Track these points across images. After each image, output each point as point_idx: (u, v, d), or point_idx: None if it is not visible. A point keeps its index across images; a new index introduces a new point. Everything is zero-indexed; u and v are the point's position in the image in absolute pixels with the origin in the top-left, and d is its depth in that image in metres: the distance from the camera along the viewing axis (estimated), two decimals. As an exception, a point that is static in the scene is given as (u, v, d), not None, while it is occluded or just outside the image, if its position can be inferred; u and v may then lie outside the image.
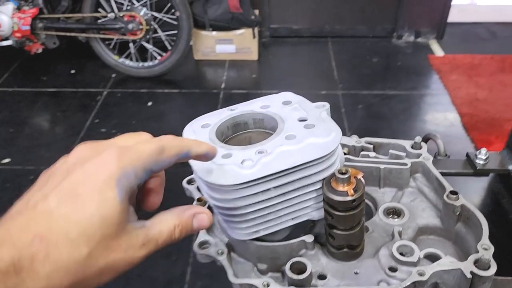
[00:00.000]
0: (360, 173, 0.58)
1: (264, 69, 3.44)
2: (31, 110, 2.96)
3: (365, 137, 0.83)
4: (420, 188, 0.75)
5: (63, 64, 3.36)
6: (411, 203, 0.73)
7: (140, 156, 0.44)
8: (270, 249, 0.63)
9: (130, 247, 0.43)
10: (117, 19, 2.93)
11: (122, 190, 0.42)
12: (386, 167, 0.74)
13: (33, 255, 0.37)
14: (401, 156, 0.76)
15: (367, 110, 2.92)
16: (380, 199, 0.75)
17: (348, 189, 0.56)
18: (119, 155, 0.43)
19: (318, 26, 3.71)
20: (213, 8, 3.16)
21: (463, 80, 3.20)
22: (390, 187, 0.76)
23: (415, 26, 3.67)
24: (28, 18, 2.93)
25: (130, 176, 0.43)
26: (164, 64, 3.10)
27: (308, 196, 0.61)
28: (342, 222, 0.59)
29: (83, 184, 0.41)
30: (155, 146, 0.45)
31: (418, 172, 0.76)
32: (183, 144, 0.48)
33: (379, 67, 3.46)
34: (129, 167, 0.43)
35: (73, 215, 0.39)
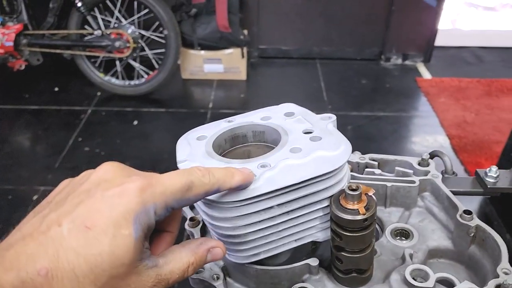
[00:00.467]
0: (372, 190, 0.53)
1: (252, 89, 3.42)
2: (11, 128, 2.87)
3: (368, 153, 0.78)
4: (428, 207, 0.70)
5: (46, 82, 3.29)
6: (419, 224, 0.68)
7: (165, 192, 0.41)
8: (271, 274, 0.57)
9: (150, 282, 0.41)
10: (103, 37, 2.88)
11: (139, 227, 0.39)
12: (393, 185, 0.69)
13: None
14: (408, 174, 0.71)
15: (357, 131, 2.90)
16: (386, 219, 0.69)
17: (359, 207, 0.51)
18: (142, 188, 0.39)
19: (307, 48, 3.72)
20: (202, 27, 3.14)
21: (451, 102, 3.21)
22: (397, 207, 0.71)
23: (403, 49, 3.70)
24: (12, 34, 2.86)
25: (150, 213, 0.40)
26: (151, 83, 3.04)
27: (314, 215, 0.55)
28: (351, 244, 0.53)
29: (100, 214, 0.38)
30: (184, 182, 0.42)
31: (426, 191, 0.71)
32: (214, 180, 0.45)
33: (367, 89, 3.46)
34: (150, 202, 0.40)
35: (83, 249, 0.37)
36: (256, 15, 3.53)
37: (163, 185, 0.41)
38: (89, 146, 2.67)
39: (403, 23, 3.58)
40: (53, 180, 2.38)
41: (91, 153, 2.61)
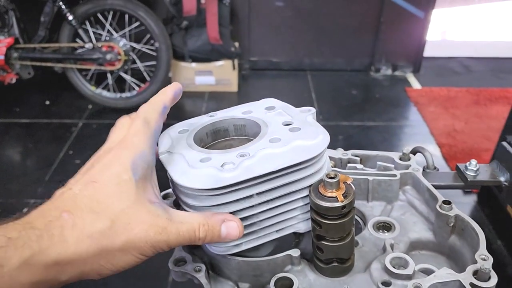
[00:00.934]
0: (350, 178, 0.54)
1: (243, 101, 3.37)
2: (1, 142, 2.85)
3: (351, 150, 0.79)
4: (410, 201, 0.70)
5: (37, 95, 3.29)
6: (401, 217, 0.69)
7: (140, 140, 0.49)
8: (253, 266, 0.57)
9: (151, 227, 0.45)
10: (95, 49, 2.90)
11: (137, 171, 0.47)
12: (374, 178, 0.70)
13: (62, 225, 0.42)
14: (390, 168, 0.72)
15: (347, 141, 2.91)
16: (369, 213, 0.70)
17: (338, 195, 0.52)
18: (126, 148, 0.48)
19: (297, 59, 3.76)
20: (192, 39, 3.17)
21: (440, 111, 3.24)
22: (379, 201, 0.71)
23: (392, 60, 3.75)
24: (3, 48, 2.87)
25: (144, 155, 0.48)
26: (142, 95, 3.05)
27: (295, 204, 0.56)
28: (331, 232, 0.54)
29: (101, 174, 0.46)
30: (141, 124, 0.50)
31: (408, 185, 0.72)
32: (155, 106, 0.53)
33: (358, 99, 3.49)
34: (139, 152, 0.48)
35: (95, 195, 0.45)
36: (247, 27, 3.57)
37: (136, 135, 0.49)
38: (80, 159, 2.66)
39: (392, 34, 3.63)
40: (43, 193, 2.37)
41: (82, 166, 2.59)
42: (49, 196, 0.47)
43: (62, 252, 0.41)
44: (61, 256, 0.41)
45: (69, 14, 2.81)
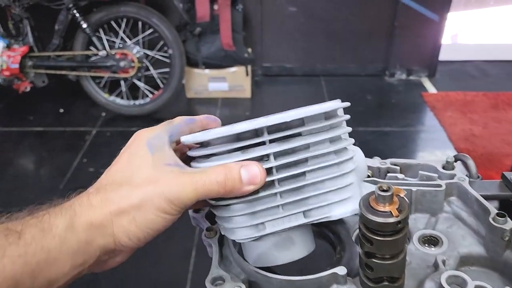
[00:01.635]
0: (403, 192, 0.50)
1: (257, 107, 3.40)
2: (16, 151, 2.85)
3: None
4: (456, 212, 0.66)
5: (51, 103, 3.28)
6: (448, 230, 0.64)
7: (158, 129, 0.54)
8: (296, 285, 0.54)
9: (166, 182, 0.47)
10: (108, 57, 2.89)
11: (152, 146, 0.50)
12: (418, 189, 0.66)
13: (88, 195, 0.49)
14: (433, 178, 0.68)
15: (364, 147, 2.80)
16: (412, 226, 0.66)
17: (392, 209, 0.48)
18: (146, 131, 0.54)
19: (310, 65, 3.72)
20: (206, 46, 3.15)
21: (458, 116, 3.19)
22: (422, 213, 0.67)
23: (407, 65, 3.70)
24: (17, 57, 2.87)
25: (160, 136, 0.52)
26: (156, 102, 3.04)
27: (322, 174, 0.53)
28: (383, 249, 0.50)
29: (121, 157, 0.53)
30: (165, 122, 0.56)
31: (453, 195, 0.67)
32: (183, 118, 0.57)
33: (373, 105, 3.44)
34: (154, 136, 0.52)
35: (116, 172, 0.51)
36: (259, 33, 3.55)
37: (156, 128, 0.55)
38: (94, 167, 2.64)
39: (406, 38, 3.58)
40: (58, 201, 2.35)
41: (96, 174, 2.53)
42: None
43: (91, 215, 0.46)
44: (91, 219, 0.46)
45: (83, 22, 2.81)
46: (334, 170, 0.54)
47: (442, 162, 0.70)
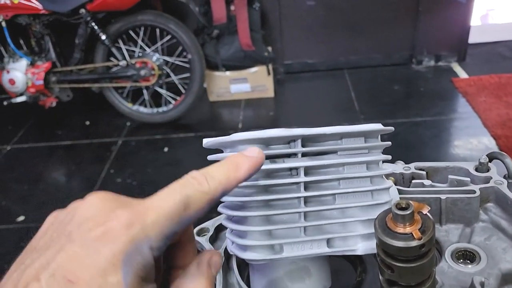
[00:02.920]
0: (426, 207, 0.43)
1: (281, 106, 3.34)
2: (46, 165, 2.89)
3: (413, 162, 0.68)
4: (495, 221, 0.59)
5: (77, 116, 3.32)
6: (486, 243, 0.57)
7: (157, 220, 0.33)
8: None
9: None
10: (129, 67, 2.89)
11: (130, 271, 0.31)
12: (448, 197, 0.58)
13: None
14: (465, 182, 0.61)
15: (394, 140, 2.68)
16: (444, 239, 0.59)
17: (413, 230, 0.41)
18: (129, 222, 0.32)
19: (333, 59, 3.62)
20: (224, 48, 3.11)
21: (492, 101, 3.02)
22: (455, 223, 0.60)
23: (435, 50, 3.55)
24: (41, 73, 2.91)
25: (143, 250, 0.32)
26: (179, 108, 3.02)
27: (353, 201, 0.48)
28: (406, 277, 0.43)
29: (82, 264, 0.31)
30: (178, 200, 0.34)
31: (490, 201, 0.60)
32: (215, 185, 0.36)
33: (400, 95, 3.32)
34: (141, 238, 0.32)
35: None
36: (279, 31, 3.48)
37: (154, 212, 0.33)
38: (121, 177, 2.65)
39: (432, 23, 3.43)
40: (87, 214, 2.36)
41: (123, 184, 2.58)
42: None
43: None
44: None
45: (102, 34, 2.82)
46: (367, 198, 0.49)
47: (475, 164, 0.63)
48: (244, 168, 0.38)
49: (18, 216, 2.42)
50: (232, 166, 0.38)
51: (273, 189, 0.47)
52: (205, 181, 0.36)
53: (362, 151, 0.49)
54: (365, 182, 0.49)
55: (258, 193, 0.47)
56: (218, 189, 0.36)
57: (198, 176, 0.36)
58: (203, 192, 0.35)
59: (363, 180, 0.48)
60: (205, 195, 0.35)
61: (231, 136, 0.48)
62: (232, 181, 0.37)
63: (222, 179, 0.37)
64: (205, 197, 0.35)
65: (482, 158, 0.61)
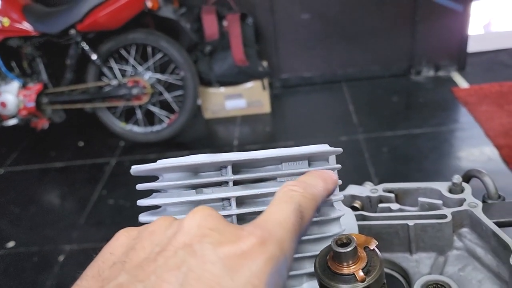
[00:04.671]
0: (373, 242, 0.36)
1: (278, 121, 3.28)
2: (38, 188, 2.84)
3: (388, 182, 0.61)
4: (470, 249, 0.51)
5: (70, 137, 3.28)
6: (460, 274, 0.50)
7: (286, 236, 0.29)
8: None
9: None
10: (121, 86, 2.85)
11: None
12: (417, 223, 0.52)
13: None
14: (437, 205, 0.54)
15: (393, 153, 2.68)
16: (414, 270, 0.51)
17: (355, 270, 0.35)
18: (263, 240, 0.27)
19: (330, 72, 3.57)
20: (218, 63, 3.06)
21: (494, 110, 2.94)
22: (427, 252, 0.53)
23: (434, 60, 3.48)
24: (33, 95, 2.88)
25: (282, 270, 0.28)
26: (173, 127, 2.97)
27: None
28: (353, 326, 0.36)
29: (220, 283, 0.25)
30: (294, 211, 0.31)
31: (464, 226, 0.53)
32: (316, 190, 0.34)
33: (400, 106, 3.25)
34: (279, 257, 0.27)
35: None
36: (274, 45, 3.44)
37: (280, 228, 0.29)
38: (114, 198, 2.59)
39: (430, 32, 3.38)
40: (79, 238, 2.30)
41: (115, 206, 2.53)
42: (84, 240, 0.32)
43: None
44: None
45: (93, 54, 2.79)
46: (312, 230, 0.42)
47: (448, 184, 0.56)
48: (332, 179, 0.37)
49: (8, 241, 2.37)
50: (321, 176, 0.36)
51: None
52: (309, 188, 0.34)
53: None
54: None
55: None
56: (321, 194, 0.35)
57: (298, 184, 0.34)
58: (309, 199, 0.33)
59: None
60: (312, 202, 0.33)
61: (157, 163, 0.42)
62: (326, 190, 0.36)
63: (319, 185, 0.35)
64: (313, 203, 0.33)
65: (455, 178, 0.54)
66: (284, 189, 0.33)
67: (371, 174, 2.47)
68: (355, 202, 0.58)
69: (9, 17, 2.74)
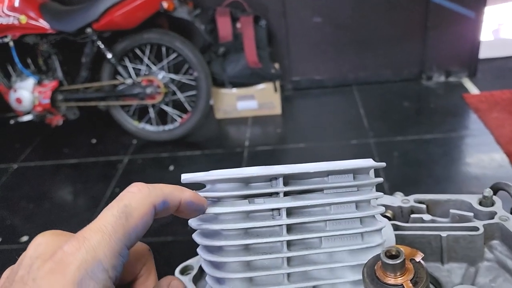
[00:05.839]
0: (419, 254, 0.39)
1: (289, 123, 3.30)
2: (51, 184, 2.88)
3: (407, 189, 0.63)
4: (501, 260, 0.54)
5: (84, 135, 3.32)
6: (491, 285, 0.52)
7: (102, 239, 0.32)
8: None
9: None
10: (135, 85, 2.88)
11: None
12: (449, 234, 0.54)
13: None
14: (468, 218, 0.56)
15: (404, 158, 2.70)
16: (446, 279, 0.54)
17: (404, 281, 0.37)
18: (77, 247, 0.31)
19: (341, 75, 3.59)
20: (231, 65, 3.09)
21: (505, 117, 2.95)
22: (458, 262, 0.55)
23: (445, 66, 3.50)
24: (48, 92, 2.92)
25: (96, 274, 0.31)
26: (185, 126, 3.00)
27: (341, 244, 0.44)
28: (399, 333, 0.39)
29: None
30: (116, 213, 0.33)
31: (495, 239, 0.55)
32: (156, 190, 0.36)
33: (411, 111, 3.27)
34: (90, 262, 0.31)
35: None
36: (286, 47, 3.46)
37: (97, 232, 0.32)
38: (126, 196, 2.62)
39: (441, 38, 3.39)
40: (91, 234, 2.33)
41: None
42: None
43: None
44: None
45: (108, 52, 2.83)
46: (357, 241, 0.45)
47: (478, 197, 0.58)
48: (189, 193, 0.38)
49: (22, 236, 2.41)
50: (178, 187, 0.38)
51: (253, 231, 0.44)
52: (146, 187, 0.35)
53: (351, 189, 0.45)
54: (354, 223, 0.44)
55: (237, 237, 0.43)
56: (159, 195, 0.35)
57: (138, 184, 0.36)
58: (143, 196, 0.34)
59: (352, 221, 0.44)
60: (146, 198, 0.34)
61: (209, 174, 0.44)
62: (175, 197, 0.37)
63: (164, 188, 0.37)
64: (147, 200, 0.34)
65: (486, 191, 0.56)
66: (125, 191, 0.35)
67: (382, 178, 2.49)
68: (387, 212, 0.61)
69: (26, 15, 2.78)
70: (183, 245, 2.14)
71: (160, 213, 0.36)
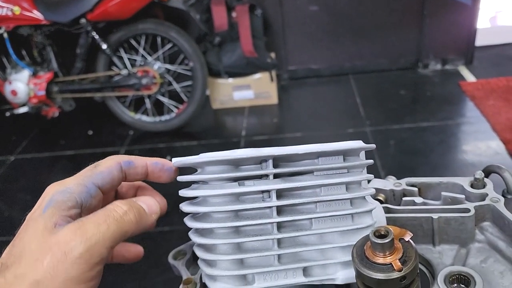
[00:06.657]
0: (408, 234, 0.39)
1: (285, 113, 3.30)
2: (48, 176, 2.88)
3: (403, 176, 0.64)
4: (492, 242, 0.54)
5: (80, 126, 3.31)
6: (482, 266, 0.52)
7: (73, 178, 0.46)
8: None
9: (52, 256, 0.39)
10: (130, 76, 2.87)
11: (51, 203, 0.43)
12: (440, 216, 0.54)
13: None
14: (459, 200, 0.56)
15: (400, 146, 2.70)
16: (437, 261, 0.54)
17: (393, 261, 0.37)
18: (54, 185, 0.46)
19: (338, 64, 3.58)
20: (227, 55, 3.08)
21: (501, 104, 2.95)
22: (450, 244, 0.55)
23: (441, 54, 3.49)
24: (43, 83, 2.91)
25: (65, 194, 0.43)
26: (181, 117, 2.99)
27: (331, 226, 0.44)
28: (388, 312, 0.39)
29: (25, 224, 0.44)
30: (89, 167, 0.47)
31: (486, 220, 0.55)
32: (119, 156, 0.47)
33: (407, 100, 3.26)
34: (62, 189, 0.44)
35: (19, 243, 0.41)
36: (282, 37, 3.45)
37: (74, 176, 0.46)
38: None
39: (438, 26, 3.38)
40: (89, 225, 2.34)
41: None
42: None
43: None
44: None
45: (103, 43, 2.81)
46: (347, 222, 0.45)
47: (470, 179, 0.58)
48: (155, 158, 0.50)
49: (19, 228, 2.41)
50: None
51: (243, 214, 0.44)
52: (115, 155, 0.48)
53: (341, 171, 0.45)
54: (345, 205, 0.45)
55: (228, 219, 0.43)
56: (125, 157, 0.48)
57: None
58: (111, 157, 0.48)
59: (342, 203, 0.44)
60: (113, 158, 0.47)
61: (200, 157, 0.44)
62: (140, 158, 0.49)
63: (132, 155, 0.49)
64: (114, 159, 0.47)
65: (477, 173, 0.56)
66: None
67: (378, 166, 2.49)
68: (379, 195, 0.61)
69: (19, 6, 2.76)
70: (181, 234, 2.14)
71: (129, 171, 0.46)
